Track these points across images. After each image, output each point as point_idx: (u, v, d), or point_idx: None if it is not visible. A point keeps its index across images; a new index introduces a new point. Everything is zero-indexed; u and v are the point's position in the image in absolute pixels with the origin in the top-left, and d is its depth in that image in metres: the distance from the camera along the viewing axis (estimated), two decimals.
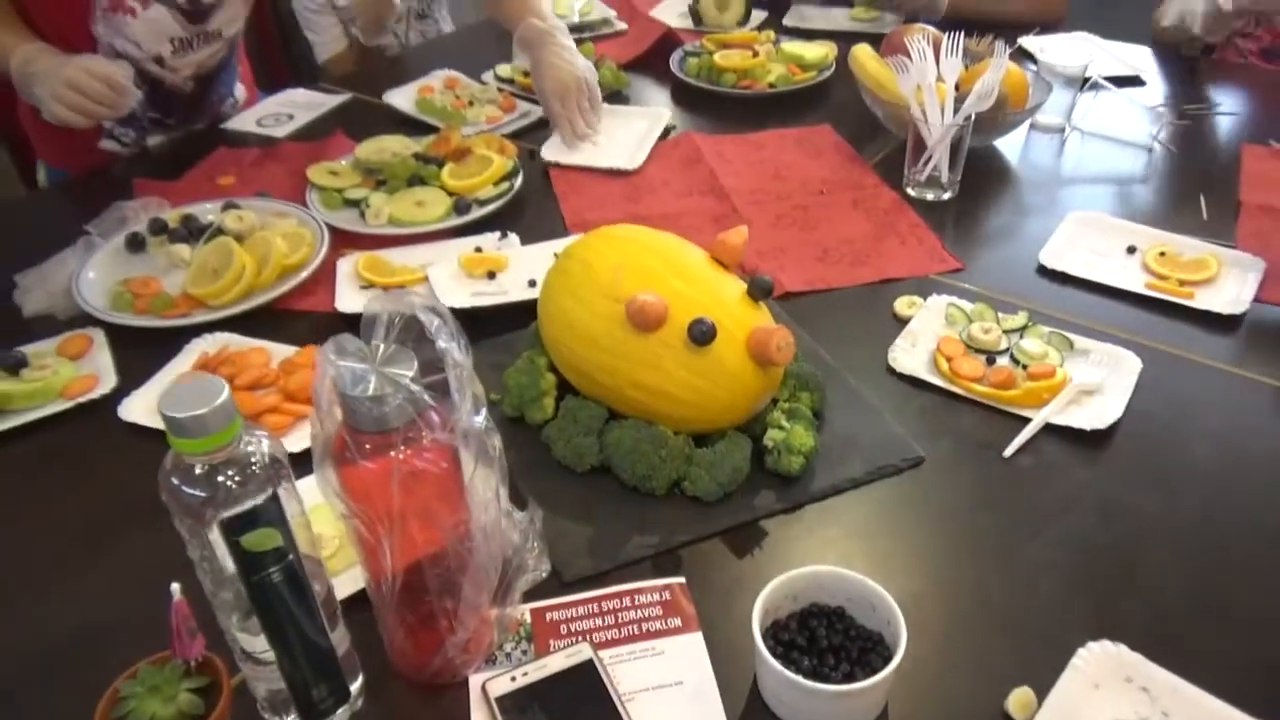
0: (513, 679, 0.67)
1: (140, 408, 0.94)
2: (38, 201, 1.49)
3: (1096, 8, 1.93)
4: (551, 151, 1.39)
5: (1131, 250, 1.14)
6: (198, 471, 0.53)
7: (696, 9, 1.85)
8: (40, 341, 1.04)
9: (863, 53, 1.40)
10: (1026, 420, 0.90)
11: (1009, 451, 0.87)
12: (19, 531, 0.84)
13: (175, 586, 0.57)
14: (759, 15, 1.88)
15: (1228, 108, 1.50)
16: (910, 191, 1.29)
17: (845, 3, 1.91)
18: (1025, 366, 0.95)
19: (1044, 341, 0.98)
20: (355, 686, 0.67)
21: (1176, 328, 1.02)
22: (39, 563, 0.81)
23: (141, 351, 1.03)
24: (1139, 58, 1.67)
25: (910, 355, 0.99)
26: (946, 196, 1.28)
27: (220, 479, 0.53)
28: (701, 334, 0.79)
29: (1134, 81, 1.58)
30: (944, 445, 0.88)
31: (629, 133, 1.45)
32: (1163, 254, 1.12)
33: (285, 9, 2.15)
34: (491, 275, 1.11)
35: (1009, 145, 1.42)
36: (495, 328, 1.03)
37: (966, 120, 1.22)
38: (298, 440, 0.87)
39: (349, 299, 1.09)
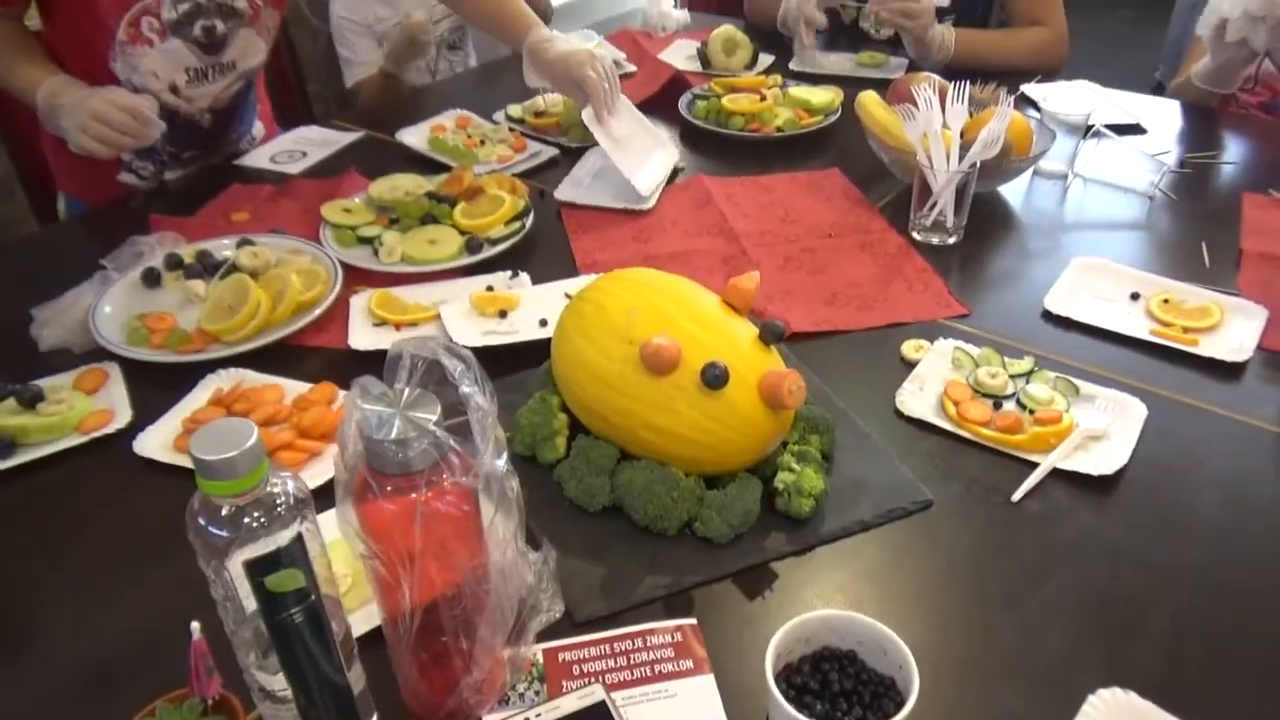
0: None
1: (155, 443, 0.95)
2: (54, 235, 1.51)
3: (1094, 56, 1.96)
4: (563, 191, 1.41)
5: (1135, 297, 1.16)
6: (224, 512, 0.54)
7: (704, 53, 1.89)
8: (57, 375, 1.05)
9: (869, 99, 1.43)
10: (1034, 465, 0.90)
11: (1017, 496, 0.87)
12: (34, 566, 0.84)
13: (195, 625, 0.58)
14: (766, 59, 1.91)
15: (1228, 157, 1.52)
16: (916, 236, 1.31)
17: (851, 48, 1.94)
18: (1032, 411, 0.96)
19: (1050, 387, 0.99)
20: None
21: (1181, 374, 1.03)
22: (55, 598, 0.81)
23: (157, 386, 1.04)
24: (1139, 106, 1.70)
25: (918, 399, 1.00)
26: (952, 241, 1.29)
27: (246, 520, 0.54)
28: (715, 378, 0.80)
29: (1135, 129, 1.61)
30: (952, 489, 0.89)
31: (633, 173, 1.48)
32: (1166, 301, 1.14)
33: (305, 48, 2.19)
34: (503, 314, 1.13)
35: (1013, 191, 1.44)
36: (506, 366, 1.04)
37: (972, 167, 1.24)
38: (312, 476, 0.88)
39: (362, 336, 1.11)
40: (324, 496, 0.60)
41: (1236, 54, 1.54)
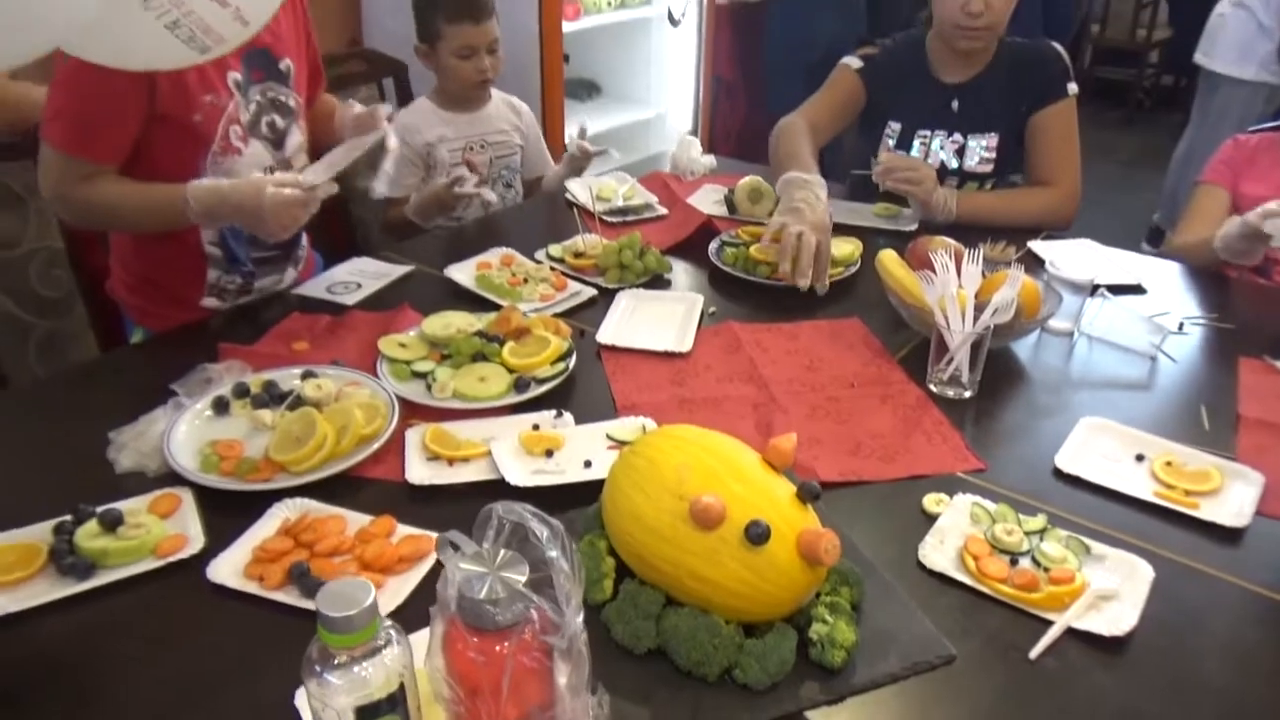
0: None
1: (227, 570, 1.02)
2: (123, 358, 1.59)
3: (1092, 200, 2.08)
4: (604, 334, 1.51)
5: (1140, 458, 1.24)
6: (338, 661, 0.61)
7: (731, 200, 2.02)
8: (132, 499, 1.13)
9: (889, 259, 1.54)
10: (1049, 622, 0.97)
11: (1034, 654, 0.93)
12: (109, 689, 0.90)
13: None
14: None
15: (1225, 320, 1.62)
16: (934, 388, 1.40)
17: (866, 199, 2.07)
18: (1047, 569, 1.03)
19: (1062, 545, 1.06)
20: None
21: (1185, 537, 1.10)
22: None
23: (227, 512, 1.11)
24: (1140, 266, 1.81)
25: (939, 552, 1.07)
26: (967, 395, 1.38)
27: (357, 669, 0.61)
28: (758, 535, 0.87)
29: (1136, 290, 1.72)
30: (973, 643, 0.95)
31: (670, 315, 1.58)
32: (1169, 463, 1.21)
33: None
34: (549, 453, 1.21)
35: (1023, 347, 1.54)
36: (551, 502, 1.11)
37: (986, 329, 1.34)
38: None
39: (418, 470, 1.18)
40: None
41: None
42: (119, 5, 0.92)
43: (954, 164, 2.02)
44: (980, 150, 2.01)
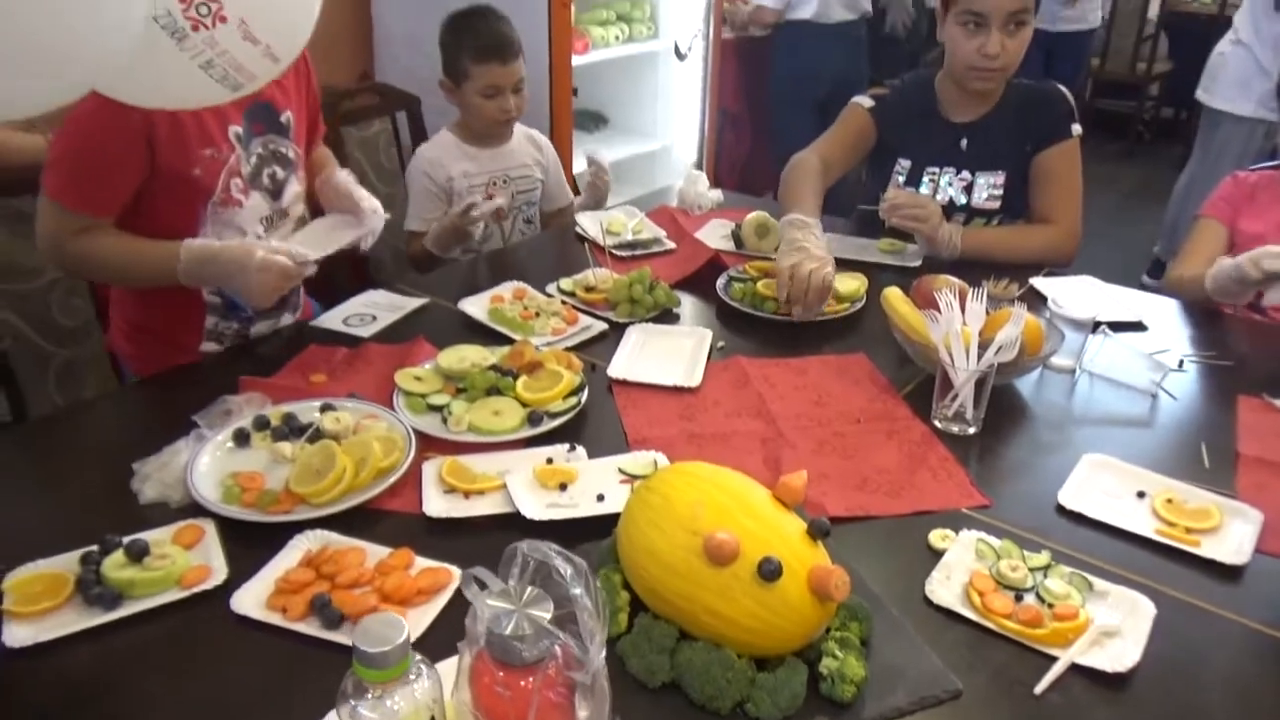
0: None
1: (250, 601, 1.04)
2: (141, 391, 1.63)
3: (1094, 231, 2.11)
4: (615, 368, 1.54)
5: (1141, 495, 1.26)
6: (371, 695, 0.63)
7: (738, 234, 2.06)
8: (156, 530, 1.15)
9: (894, 296, 1.57)
10: (1054, 658, 0.99)
11: (1039, 689, 0.96)
12: (139, 719, 0.92)
13: None
14: None
15: (1224, 358, 1.65)
16: (938, 424, 1.42)
17: (872, 234, 2.11)
18: (1051, 605, 1.05)
19: (1066, 582, 1.09)
20: None
21: (1186, 574, 1.13)
22: None
23: (248, 543, 1.13)
24: (1140, 303, 1.84)
25: (945, 588, 1.09)
26: (972, 431, 1.41)
27: (389, 702, 0.63)
28: (770, 572, 0.90)
29: (1137, 327, 1.75)
30: (979, 678, 0.97)
31: (679, 350, 1.61)
32: (1170, 501, 1.24)
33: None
34: (563, 487, 1.23)
35: (1025, 383, 1.57)
36: (566, 536, 1.13)
37: (990, 366, 1.37)
38: None
39: (435, 503, 1.21)
40: None
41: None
42: (154, 46, 0.96)
43: (962, 200, 2.06)
44: (988, 187, 2.05)
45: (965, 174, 2.06)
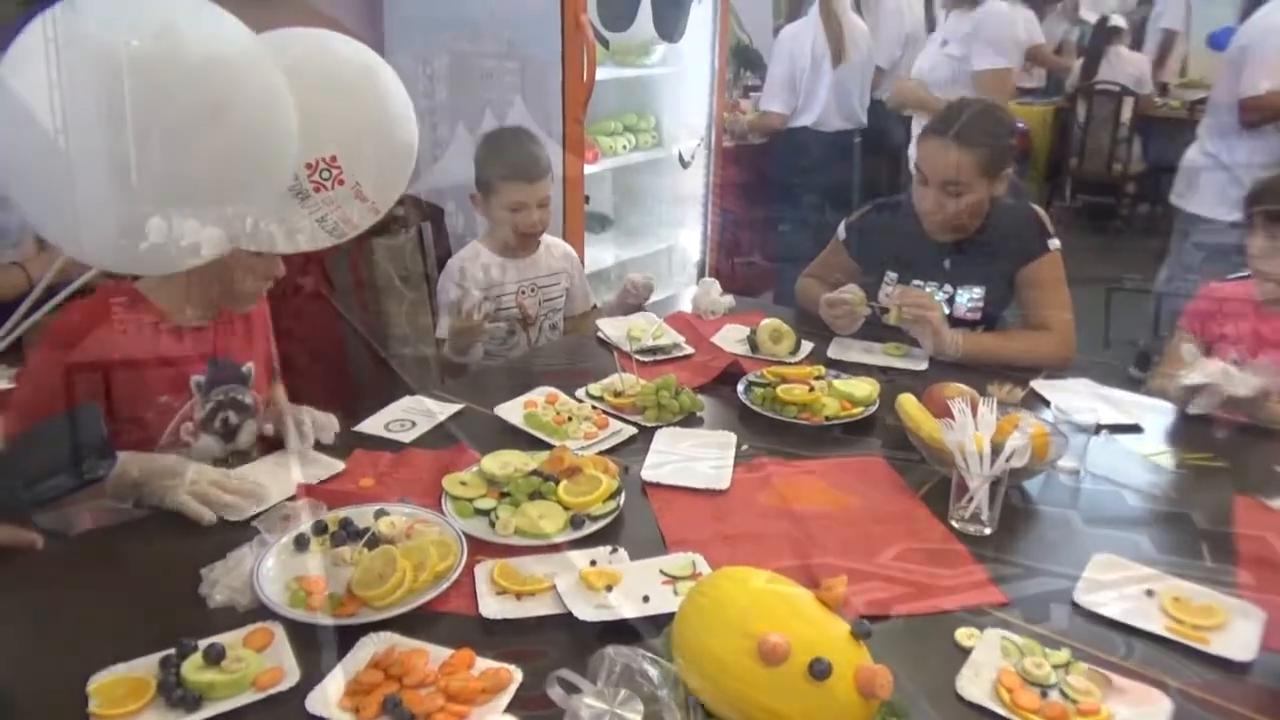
0: None
1: (325, 702, 1.10)
2: None
3: (1080, 340, 2.22)
4: (648, 472, 1.63)
5: (1150, 593, 1.34)
6: None
7: (753, 339, 2.17)
8: (227, 633, 1.21)
9: (908, 402, 1.67)
10: None
11: None
12: None
13: None
14: (807, 346, 2.19)
15: (1219, 459, 1.75)
16: (955, 524, 1.51)
17: (876, 339, 2.23)
18: (1075, 702, 1.12)
19: (1086, 678, 1.16)
20: None
21: (1198, 671, 1.20)
22: None
23: (316, 645, 1.20)
24: (1136, 406, 1.95)
25: (975, 685, 1.16)
26: (987, 531, 1.50)
27: None
28: (821, 671, 0.97)
29: (1134, 429, 1.86)
30: None
31: (706, 453, 1.70)
32: (1177, 599, 1.32)
33: (392, 309, 2.49)
34: (609, 589, 1.31)
35: (1033, 484, 1.66)
36: (615, 635, 1.20)
37: (1003, 471, 1.46)
38: None
39: (490, 605, 1.28)
40: None
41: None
42: (283, 204, 1.08)
43: (945, 311, 2.19)
44: (969, 300, 2.20)
45: (948, 287, 2.22)
